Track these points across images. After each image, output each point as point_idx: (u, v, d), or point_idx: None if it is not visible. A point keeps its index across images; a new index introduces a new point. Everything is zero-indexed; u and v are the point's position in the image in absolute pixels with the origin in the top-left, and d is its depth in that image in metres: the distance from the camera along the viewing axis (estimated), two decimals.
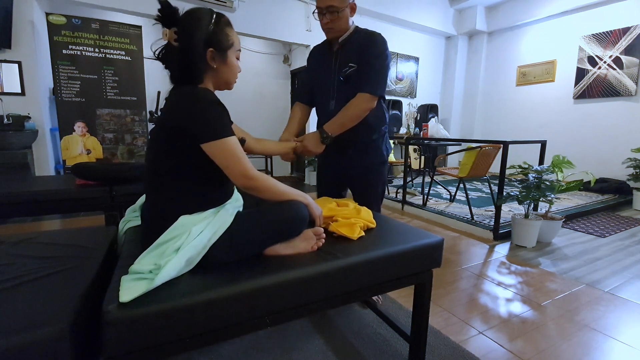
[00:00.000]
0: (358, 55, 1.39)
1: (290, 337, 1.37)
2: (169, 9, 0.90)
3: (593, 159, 4.63)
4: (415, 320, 1.17)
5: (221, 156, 0.88)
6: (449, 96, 6.25)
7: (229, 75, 1.01)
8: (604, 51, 4.48)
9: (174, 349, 0.76)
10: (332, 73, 1.46)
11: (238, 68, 1.03)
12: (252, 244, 0.95)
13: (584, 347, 1.36)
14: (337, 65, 1.44)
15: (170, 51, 0.93)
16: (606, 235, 2.80)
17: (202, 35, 0.91)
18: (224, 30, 0.95)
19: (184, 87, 0.92)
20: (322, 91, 1.52)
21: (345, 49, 1.43)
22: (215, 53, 0.94)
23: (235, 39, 0.99)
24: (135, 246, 0.98)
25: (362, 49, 1.39)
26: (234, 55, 1.00)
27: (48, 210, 1.80)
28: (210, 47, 0.93)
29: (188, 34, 0.91)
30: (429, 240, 1.11)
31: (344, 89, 1.43)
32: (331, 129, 1.40)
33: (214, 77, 0.98)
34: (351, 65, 1.40)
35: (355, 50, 1.41)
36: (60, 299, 0.74)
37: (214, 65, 0.95)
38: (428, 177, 4.16)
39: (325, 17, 1.37)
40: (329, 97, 1.48)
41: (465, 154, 3.13)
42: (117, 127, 3.55)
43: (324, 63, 1.50)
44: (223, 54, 0.96)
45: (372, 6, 4.82)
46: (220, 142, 0.87)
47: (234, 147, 0.89)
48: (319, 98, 1.56)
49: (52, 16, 3.17)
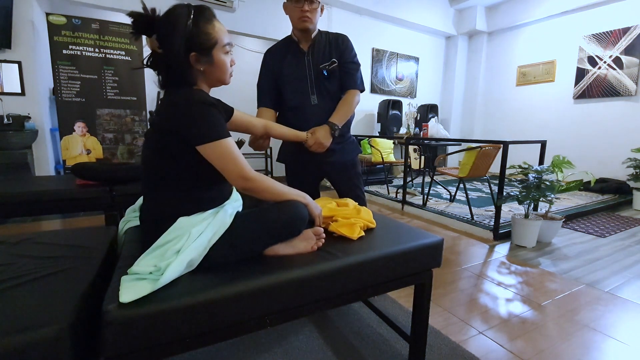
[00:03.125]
0: (334, 53, 1.51)
1: (290, 337, 1.37)
2: (142, 18, 0.86)
3: (593, 159, 4.63)
4: (415, 320, 1.17)
5: (217, 158, 0.87)
6: (449, 96, 6.25)
7: (220, 73, 0.96)
8: (604, 51, 4.48)
9: (174, 349, 0.76)
10: (308, 70, 1.53)
11: (229, 64, 0.97)
12: (252, 244, 0.95)
13: (584, 347, 1.36)
14: (312, 62, 1.52)
15: (157, 58, 0.90)
16: (606, 235, 2.80)
17: (181, 40, 0.86)
18: (203, 30, 0.88)
19: (178, 90, 0.90)
20: (298, 88, 1.55)
21: (318, 46, 1.52)
22: (199, 56, 0.90)
23: (218, 35, 0.91)
24: (135, 246, 0.98)
25: (338, 49, 1.52)
26: (222, 52, 0.93)
27: (48, 210, 1.80)
28: (192, 52, 0.88)
29: (167, 40, 0.86)
30: (428, 240, 1.11)
31: (325, 83, 1.52)
32: (338, 121, 1.49)
33: (204, 78, 0.95)
34: (334, 60, 1.51)
35: (328, 49, 1.51)
36: (60, 299, 0.74)
37: (201, 68, 0.92)
38: (428, 177, 4.16)
39: (305, 5, 1.40)
40: (308, 93, 1.54)
41: (465, 154, 3.13)
42: (117, 127, 3.55)
43: (296, 61, 1.54)
44: (207, 54, 0.91)
45: (372, 6, 4.82)
46: (216, 144, 0.86)
47: (230, 148, 0.88)
48: (293, 96, 1.56)
49: (52, 16, 3.17)
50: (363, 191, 1.71)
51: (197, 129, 0.85)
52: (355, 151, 1.68)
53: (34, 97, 3.28)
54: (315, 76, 1.53)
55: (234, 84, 5.95)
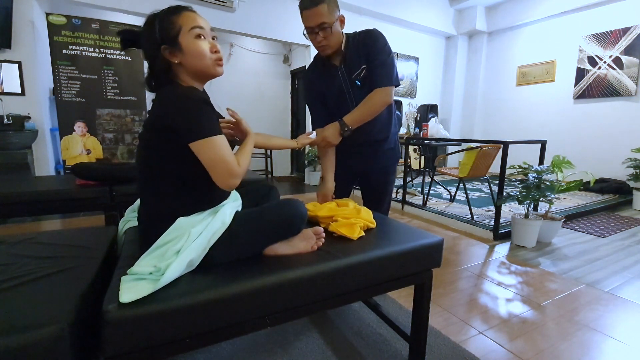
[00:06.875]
0: (364, 56, 1.40)
1: (290, 337, 1.37)
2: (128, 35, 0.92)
3: (593, 159, 4.63)
4: (415, 320, 1.17)
5: (207, 155, 0.85)
6: (449, 96, 6.25)
7: (196, 61, 0.91)
8: (604, 51, 4.48)
9: (174, 349, 0.76)
10: (343, 82, 1.45)
11: (205, 49, 0.91)
12: (252, 243, 0.95)
13: (584, 347, 1.36)
14: (346, 72, 1.44)
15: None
16: (606, 235, 2.80)
17: (151, 40, 0.89)
18: (167, 21, 0.89)
19: (169, 88, 0.89)
20: (339, 103, 1.50)
21: (348, 56, 1.42)
22: (168, 47, 0.89)
23: (182, 21, 0.89)
24: (135, 246, 0.99)
25: (366, 49, 1.39)
26: (189, 37, 0.89)
27: (48, 210, 1.80)
28: (161, 45, 0.88)
29: (143, 44, 0.91)
30: (428, 240, 1.11)
31: (360, 92, 1.43)
32: (351, 121, 1.39)
33: (185, 71, 0.93)
34: (363, 67, 1.41)
35: (359, 54, 1.40)
36: (60, 299, 0.75)
37: (176, 60, 0.90)
38: (428, 177, 4.16)
39: (318, 36, 1.32)
40: (348, 106, 1.47)
41: (465, 154, 3.13)
42: (117, 127, 3.55)
43: (330, 77, 1.47)
44: (174, 43, 0.89)
45: (372, 6, 4.82)
46: (206, 141, 0.84)
47: (220, 146, 0.86)
48: (337, 112, 1.52)
49: (52, 16, 3.17)
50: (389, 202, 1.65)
51: (189, 125, 0.83)
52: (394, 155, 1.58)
53: (34, 97, 3.28)
54: (352, 86, 1.45)
55: (233, 84, 5.95)
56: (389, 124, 1.54)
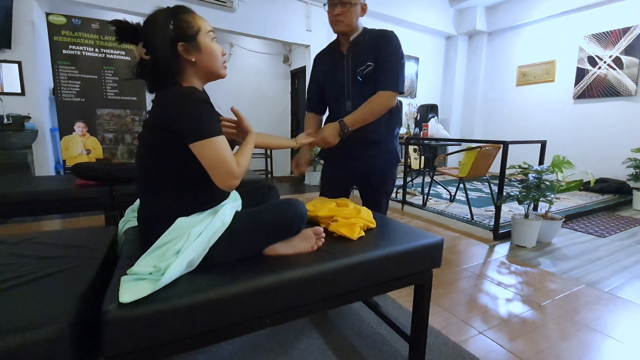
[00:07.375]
0: (373, 54, 1.39)
1: (290, 337, 1.37)
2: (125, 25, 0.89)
3: (593, 159, 4.63)
4: (415, 320, 1.17)
5: (207, 156, 0.85)
6: (449, 96, 6.25)
7: (211, 61, 0.95)
8: (604, 51, 4.48)
9: (174, 349, 0.76)
10: (346, 74, 1.45)
11: (218, 50, 0.96)
12: (252, 243, 0.95)
13: (584, 347, 1.36)
14: (351, 65, 1.43)
15: (145, 65, 0.92)
16: (606, 235, 2.80)
17: (166, 36, 0.88)
18: (184, 20, 0.91)
19: (170, 88, 0.89)
20: (336, 93, 1.50)
21: (358, 48, 1.41)
22: (186, 45, 0.90)
23: (200, 23, 0.93)
24: (135, 246, 0.99)
25: (377, 48, 1.38)
26: (207, 38, 0.94)
27: (48, 210, 1.80)
28: (178, 42, 0.89)
29: (152, 42, 0.89)
30: (428, 241, 1.11)
31: (360, 89, 1.42)
32: (351, 122, 1.38)
33: (196, 70, 0.94)
34: (369, 64, 1.39)
35: (369, 50, 1.39)
36: (60, 299, 0.74)
37: (191, 58, 0.92)
38: (428, 177, 4.16)
39: (336, 7, 1.34)
40: (344, 99, 1.47)
41: (465, 154, 3.13)
42: (117, 127, 3.55)
43: (335, 65, 1.47)
44: (193, 41, 0.91)
45: (372, 6, 4.82)
46: (207, 142, 0.84)
47: (220, 146, 0.86)
48: (332, 101, 1.54)
49: (52, 16, 3.17)
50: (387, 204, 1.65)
51: (190, 126, 0.83)
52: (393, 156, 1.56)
53: (34, 97, 3.28)
54: (352, 81, 1.44)
55: (233, 84, 5.97)
56: (389, 126, 1.53)
